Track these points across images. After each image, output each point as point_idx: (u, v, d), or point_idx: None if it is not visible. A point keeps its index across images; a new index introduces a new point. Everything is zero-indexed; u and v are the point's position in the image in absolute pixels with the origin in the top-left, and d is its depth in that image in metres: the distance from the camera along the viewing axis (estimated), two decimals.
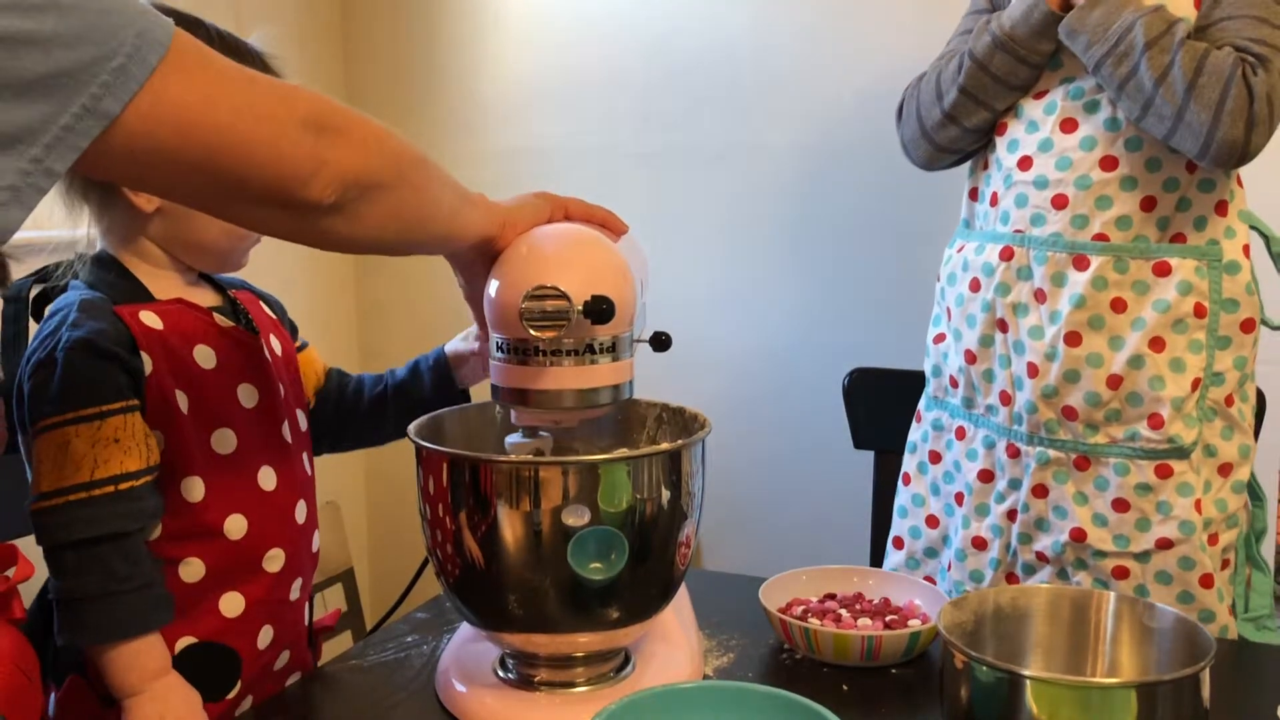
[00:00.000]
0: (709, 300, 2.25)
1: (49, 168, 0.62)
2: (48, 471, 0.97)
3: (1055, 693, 0.81)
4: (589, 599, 0.98)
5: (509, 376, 0.99)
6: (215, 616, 1.05)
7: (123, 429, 0.98)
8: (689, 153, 2.24)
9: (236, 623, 1.06)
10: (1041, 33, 1.30)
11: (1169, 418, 1.26)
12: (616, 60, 2.31)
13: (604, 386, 0.98)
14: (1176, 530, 1.26)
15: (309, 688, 1.11)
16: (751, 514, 2.28)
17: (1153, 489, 1.27)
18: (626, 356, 1.00)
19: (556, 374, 0.97)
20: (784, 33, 2.17)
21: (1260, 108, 1.18)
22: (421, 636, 1.19)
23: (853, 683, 1.07)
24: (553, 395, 0.97)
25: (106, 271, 1.05)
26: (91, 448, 0.96)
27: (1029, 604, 0.97)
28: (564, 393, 0.97)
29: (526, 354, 0.97)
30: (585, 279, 0.95)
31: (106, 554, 0.96)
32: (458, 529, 0.98)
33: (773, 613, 1.14)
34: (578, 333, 0.95)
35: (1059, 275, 1.30)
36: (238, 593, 1.06)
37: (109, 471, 0.97)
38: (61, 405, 0.97)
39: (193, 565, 1.03)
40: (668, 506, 0.99)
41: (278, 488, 1.09)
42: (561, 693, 1.03)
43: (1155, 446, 1.27)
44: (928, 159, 1.46)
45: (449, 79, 2.44)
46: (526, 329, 0.93)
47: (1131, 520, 1.28)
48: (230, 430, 1.06)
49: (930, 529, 1.48)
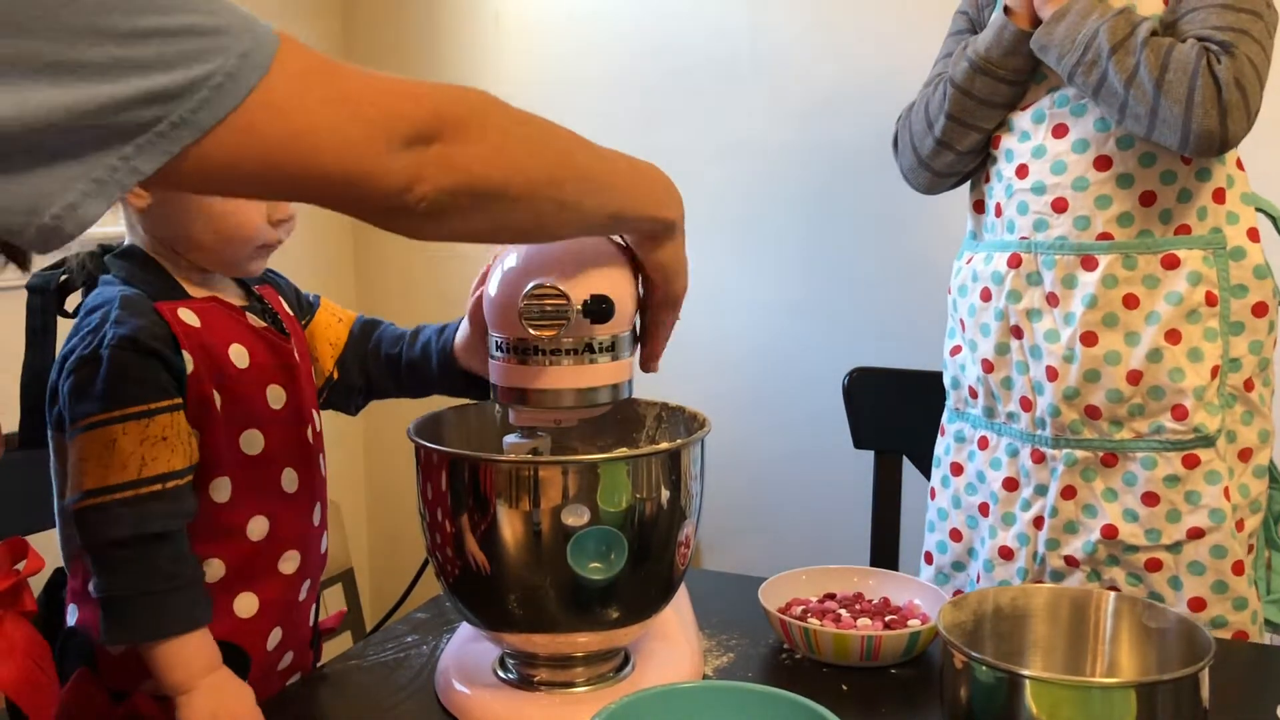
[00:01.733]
0: (709, 300, 2.25)
1: (136, 166, 0.63)
2: (92, 469, 0.96)
3: (1055, 693, 0.81)
4: (589, 599, 0.98)
5: (508, 376, 0.99)
6: (230, 616, 1.05)
7: (169, 427, 0.98)
8: (689, 153, 2.24)
9: (249, 623, 1.06)
10: (1014, 51, 1.32)
11: (1192, 407, 1.27)
12: (617, 60, 2.31)
13: (603, 386, 0.98)
14: (1207, 519, 1.27)
15: (309, 688, 1.11)
16: (751, 514, 2.28)
17: (1181, 479, 1.28)
18: (626, 356, 1.00)
19: (555, 373, 0.97)
20: (785, 32, 2.17)
21: (1230, 94, 1.18)
22: (421, 636, 1.19)
23: (853, 683, 1.07)
24: (552, 394, 0.97)
25: (139, 267, 1.05)
26: (139, 445, 0.96)
27: (1029, 604, 0.97)
28: (563, 392, 0.97)
29: (526, 353, 0.97)
30: (584, 278, 0.95)
31: (153, 552, 0.96)
32: (457, 529, 0.98)
33: (772, 613, 1.14)
34: (577, 332, 0.95)
35: (1069, 277, 1.31)
36: (252, 593, 1.06)
37: (156, 470, 0.96)
38: (108, 402, 0.97)
39: (213, 565, 1.03)
40: (668, 506, 0.99)
41: (298, 490, 1.10)
42: (561, 693, 1.03)
43: (1181, 437, 1.28)
44: (929, 185, 1.48)
45: (449, 79, 2.44)
46: (525, 328, 0.93)
47: (1162, 513, 1.29)
48: (258, 431, 1.06)
49: (955, 543, 1.48)
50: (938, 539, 1.50)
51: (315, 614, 1.18)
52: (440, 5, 2.46)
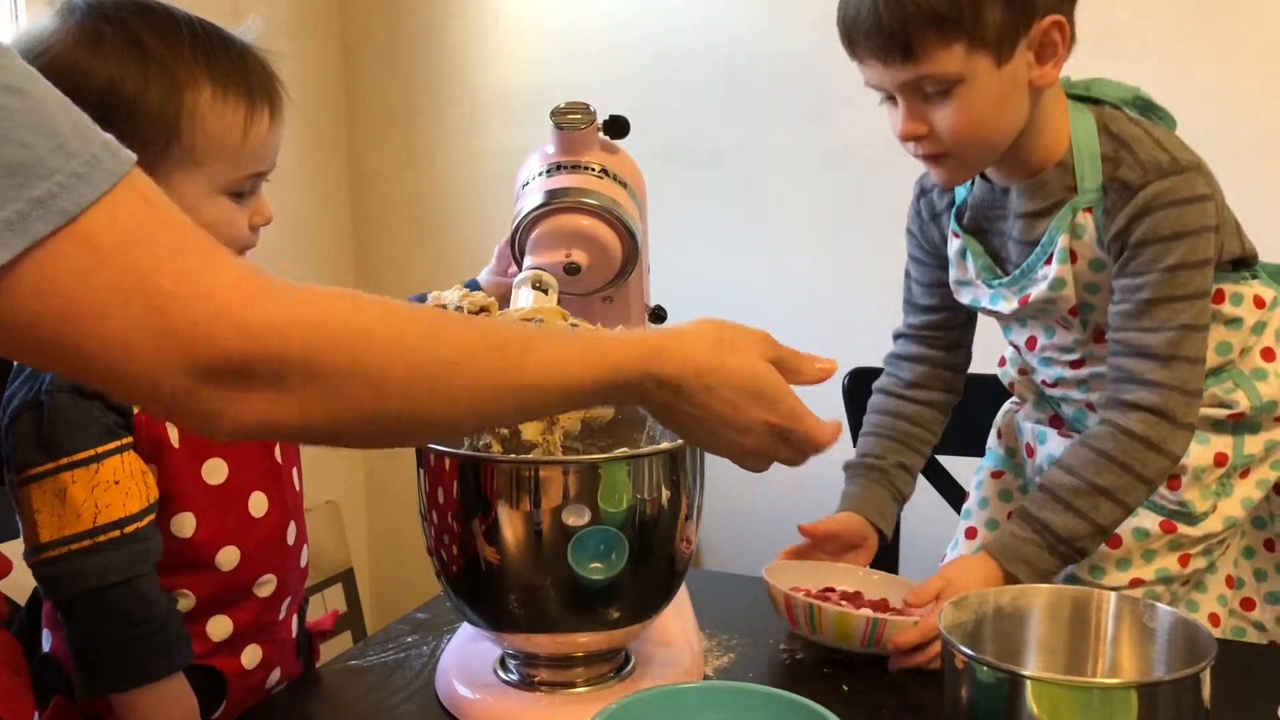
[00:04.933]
0: (709, 300, 2.24)
1: None
2: (46, 521, 0.92)
3: (1056, 693, 0.81)
4: (589, 599, 0.98)
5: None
6: (202, 640, 1.02)
7: (120, 469, 0.94)
8: (689, 153, 2.24)
9: (224, 645, 1.04)
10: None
11: (1186, 484, 1.25)
12: (617, 60, 2.31)
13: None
14: (1153, 575, 1.26)
15: (308, 689, 1.11)
16: (751, 514, 2.28)
17: (1150, 537, 1.26)
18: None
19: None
20: (785, 31, 2.17)
21: (1165, 439, 1.14)
22: (421, 636, 1.19)
23: (853, 683, 1.07)
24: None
25: None
26: (90, 493, 0.92)
27: (1029, 604, 0.97)
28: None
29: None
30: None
31: (119, 599, 0.92)
32: (458, 529, 0.98)
33: (776, 588, 1.12)
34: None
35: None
36: (226, 616, 1.04)
37: (112, 516, 0.92)
38: (53, 451, 0.93)
39: (185, 597, 1.01)
40: (668, 506, 0.99)
41: (268, 513, 1.06)
42: (561, 693, 1.03)
43: (1165, 504, 1.26)
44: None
45: (449, 79, 2.44)
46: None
47: (1114, 558, 1.26)
48: (221, 459, 1.02)
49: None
50: (988, 516, 1.43)
51: (300, 623, 1.15)
52: (439, 6, 2.45)
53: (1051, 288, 1.20)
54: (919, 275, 1.38)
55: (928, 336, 1.39)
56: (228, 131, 0.96)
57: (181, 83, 0.94)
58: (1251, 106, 1.89)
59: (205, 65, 0.95)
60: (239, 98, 0.96)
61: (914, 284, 1.40)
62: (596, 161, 1.16)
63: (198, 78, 0.94)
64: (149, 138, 0.92)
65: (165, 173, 0.93)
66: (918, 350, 1.40)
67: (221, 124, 0.95)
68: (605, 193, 1.13)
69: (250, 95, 0.97)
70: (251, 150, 0.98)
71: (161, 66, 0.93)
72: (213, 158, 0.96)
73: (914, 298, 1.40)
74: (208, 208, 0.96)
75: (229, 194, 0.98)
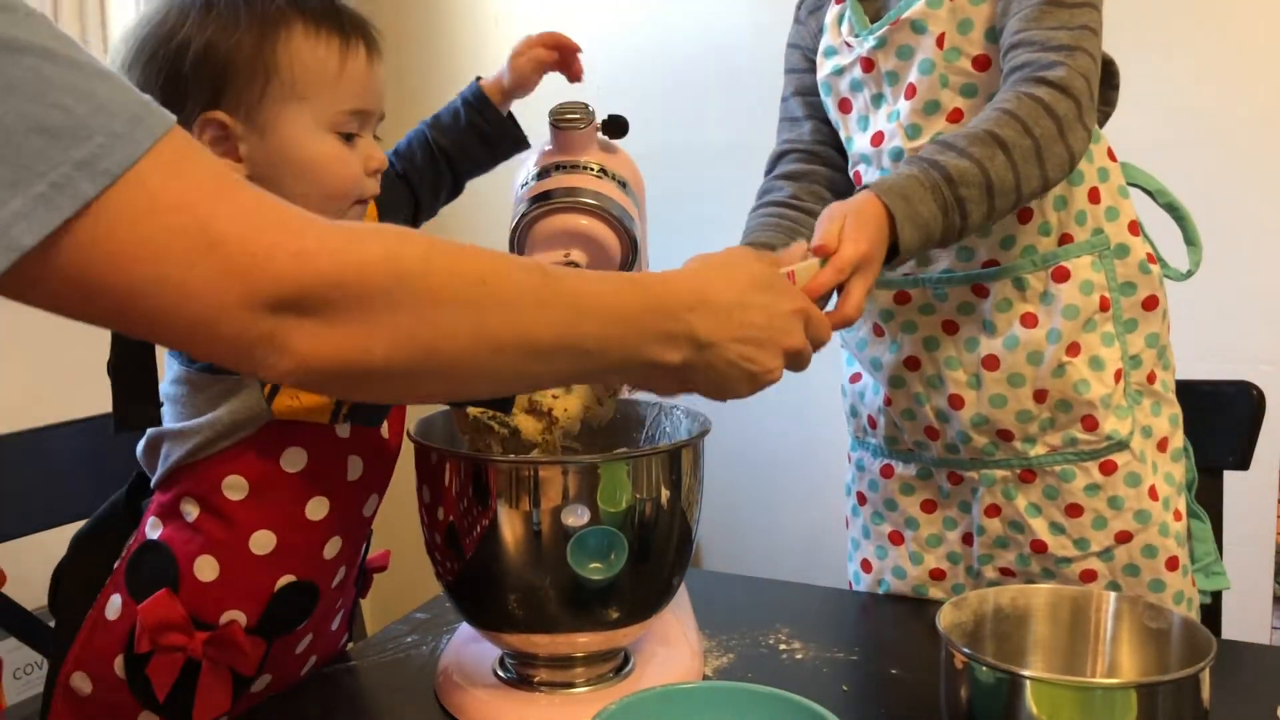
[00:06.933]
0: None
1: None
2: None
3: (1055, 693, 0.81)
4: (589, 599, 0.98)
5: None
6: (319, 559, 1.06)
7: None
8: (689, 153, 2.24)
9: (330, 564, 1.07)
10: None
11: (1102, 416, 1.23)
12: (617, 61, 2.31)
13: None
14: (1133, 520, 1.25)
15: (308, 688, 1.11)
16: (751, 514, 2.28)
17: (1101, 486, 1.25)
18: None
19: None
20: (785, 32, 2.17)
21: (1069, 121, 1.11)
22: (421, 636, 1.19)
23: (853, 683, 1.07)
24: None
25: None
26: None
27: (1029, 604, 0.97)
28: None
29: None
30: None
31: None
32: (458, 529, 0.98)
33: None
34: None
35: (964, 305, 1.27)
36: (340, 539, 1.07)
37: None
38: None
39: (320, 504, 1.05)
40: (668, 506, 0.99)
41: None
42: (561, 693, 1.03)
43: (1095, 446, 1.25)
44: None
45: (449, 81, 2.44)
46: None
47: (1088, 522, 1.25)
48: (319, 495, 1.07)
49: (865, 574, 1.41)
50: (853, 569, 1.44)
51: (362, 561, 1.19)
52: (441, 7, 2.46)
53: (929, 4, 1.20)
54: (801, 85, 1.41)
55: (807, 150, 1.41)
56: (323, 63, 0.99)
57: (274, 21, 0.98)
58: (1250, 86, 1.89)
59: (296, 7, 0.99)
60: (331, 32, 1.00)
61: (793, 98, 1.43)
62: (595, 161, 1.16)
63: (289, 16, 0.99)
64: (249, 79, 0.96)
65: (272, 111, 0.97)
66: (797, 168, 1.40)
67: (316, 55, 0.99)
68: (604, 192, 1.14)
69: (343, 30, 1.01)
70: (350, 82, 1.01)
71: (252, 12, 0.98)
72: (314, 90, 0.99)
73: (793, 111, 1.43)
74: (316, 143, 0.99)
75: (337, 133, 1.01)
